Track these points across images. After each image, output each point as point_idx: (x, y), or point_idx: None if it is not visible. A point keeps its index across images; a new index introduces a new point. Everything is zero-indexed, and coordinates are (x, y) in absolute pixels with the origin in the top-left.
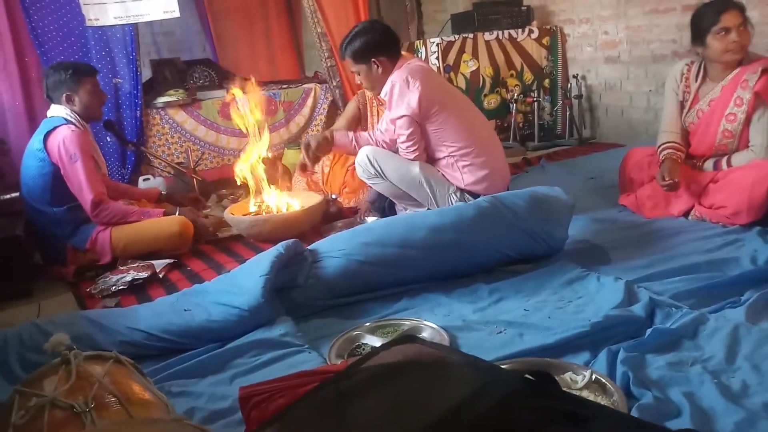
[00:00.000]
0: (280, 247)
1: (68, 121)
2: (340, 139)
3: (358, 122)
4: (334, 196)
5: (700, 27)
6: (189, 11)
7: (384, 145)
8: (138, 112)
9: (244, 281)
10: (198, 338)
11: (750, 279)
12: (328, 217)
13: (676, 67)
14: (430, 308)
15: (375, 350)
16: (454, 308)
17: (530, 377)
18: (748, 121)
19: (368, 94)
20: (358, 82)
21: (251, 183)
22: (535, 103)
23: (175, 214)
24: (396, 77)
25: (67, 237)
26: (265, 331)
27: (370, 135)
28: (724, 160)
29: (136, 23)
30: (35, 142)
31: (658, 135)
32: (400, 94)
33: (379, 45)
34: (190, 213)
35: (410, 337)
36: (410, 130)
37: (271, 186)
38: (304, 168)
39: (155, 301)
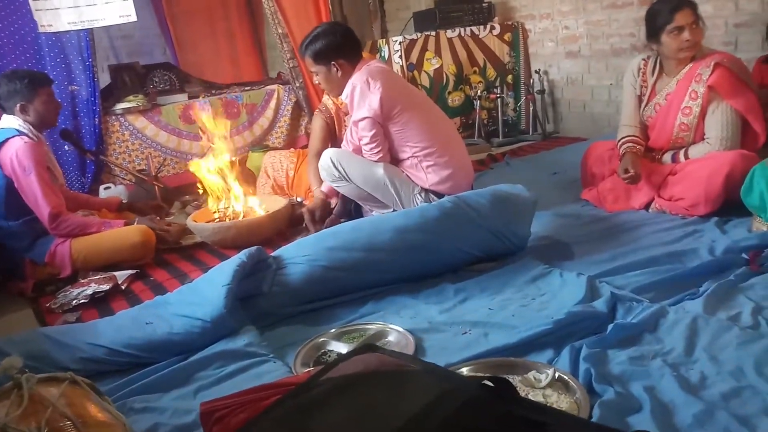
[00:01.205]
0: (242, 255)
1: (21, 133)
2: (330, 188)
3: (329, 137)
4: (299, 200)
5: (654, 25)
6: (147, 14)
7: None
8: (96, 119)
9: (206, 292)
10: (161, 351)
11: (708, 270)
12: (294, 220)
13: (633, 62)
14: (396, 311)
15: (335, 361)
16: (420, 310)
17: (489, 383)
18: (703, 115)
19: (331, 106)
20: (316, 82)
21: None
22: (499, 100)
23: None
24: (356, 79)
25: (24, 251)
26: (229, 342)
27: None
28: (681, 153)
29: (92, 28)
30: None
31: (618, 129)
32: (361, 95)
33: (340, 47)
34: (147, 221)
35: (370, 347)
36: (373, 131)
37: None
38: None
39: (116, 314)
